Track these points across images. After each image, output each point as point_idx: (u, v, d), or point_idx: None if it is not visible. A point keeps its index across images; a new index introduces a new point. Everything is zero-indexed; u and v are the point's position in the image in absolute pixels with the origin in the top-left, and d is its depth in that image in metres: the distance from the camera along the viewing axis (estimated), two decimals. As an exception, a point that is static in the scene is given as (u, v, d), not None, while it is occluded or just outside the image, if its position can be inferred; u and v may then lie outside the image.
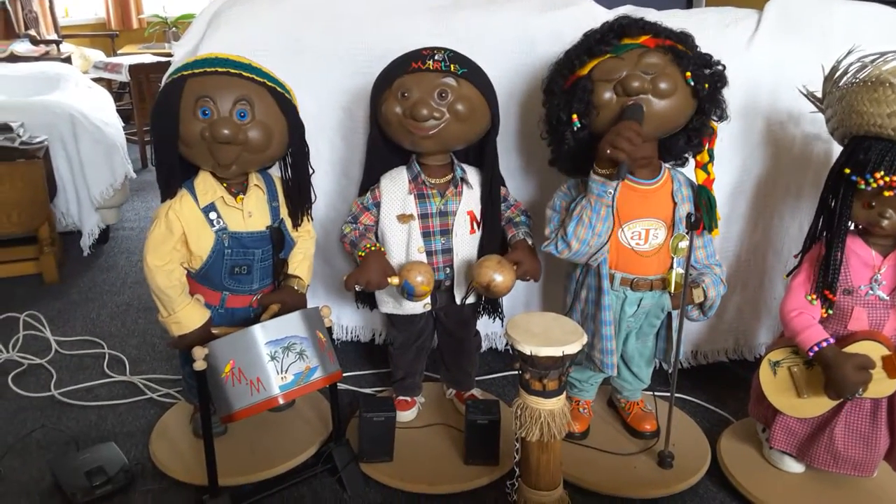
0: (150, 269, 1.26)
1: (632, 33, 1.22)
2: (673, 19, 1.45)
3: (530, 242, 1.40)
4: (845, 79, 1.20)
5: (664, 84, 1.20)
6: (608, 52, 1.22)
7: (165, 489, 1.37)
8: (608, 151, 1.18)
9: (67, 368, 1.81)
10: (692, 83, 1.22)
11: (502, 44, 1.53)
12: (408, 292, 1.33)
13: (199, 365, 1.17)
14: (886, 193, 1.13)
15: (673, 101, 1.22)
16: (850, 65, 1.20)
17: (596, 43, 1.23)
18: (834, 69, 1.24)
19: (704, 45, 1.26)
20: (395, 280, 1.33)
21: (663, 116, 1.24)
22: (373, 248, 1.35)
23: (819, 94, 1.30)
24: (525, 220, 1.45)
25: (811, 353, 1.22)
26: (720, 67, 1.27)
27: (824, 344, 1.21)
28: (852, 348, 1.21)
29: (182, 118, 1.20)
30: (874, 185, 1.12)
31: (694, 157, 1.34)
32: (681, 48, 1.23)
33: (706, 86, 1.24)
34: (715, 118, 1.29)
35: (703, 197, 1.31)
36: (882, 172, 1.11)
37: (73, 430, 1.56)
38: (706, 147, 1.32)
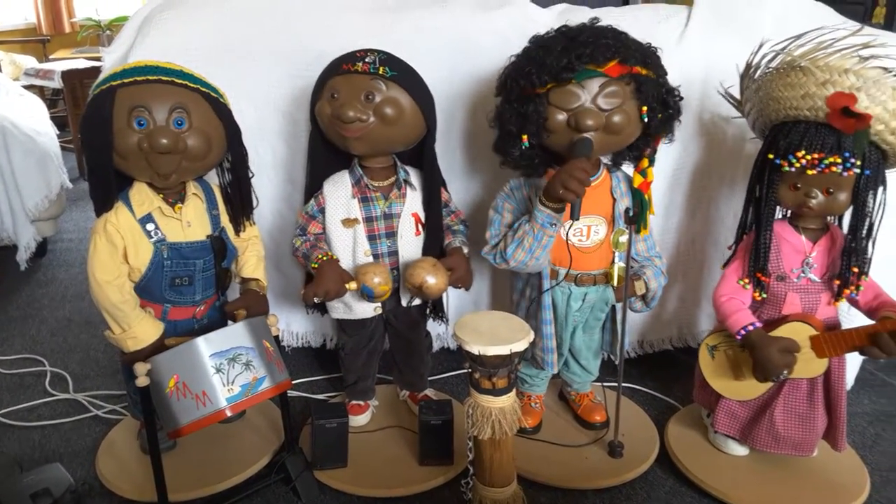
0: (100, 285, 1.22)
1: (598, 61, 1.17)
2: (607, 17, 1.47)
3: (466, 251, 1.42)
4: (760, 71, 1.25)
5: (618, 119, 1.21)
6: (571, 78, 1.18)
7: (114, 509, 1.34)
8: (560, 192, 1.19)
9: (7, 388, 1.75)
10: (646, 119, 1.24)
11: (441, 44, 1.53)
12: (368, 295, 1.32)
13: (142, 381, 1.15)
14: (809, 172, 1.17)
15: (623, 135, 1.25)
16: (764, 56, 1.24)
17: (561, 69, 1.17)
18: (748, 65, 1.28)
19: (637, 42, 1.28)
20: (352, 285, 1.32)
21: (611, 146, 1.28)
22: (325, 258, 1.34)
23: (737, 95, 1.35)
24: (463, 230, 1.46)
25: (738, 337, 1.26)
26: (679, 99, 1.27)
27: (751, 327, 1.25)
28: (782, 330, 1.26)
29: (116, 130, 1.16)
30: (797, 164, 1.17)
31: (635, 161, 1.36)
32: (645, 73, 1.21)
33: (659, 116, 1.25)
34: (663, 141, 1.32)
35: (635, 199, 1.34)
36: (803, 151, 1.16)
37: (15, 451, 1.51)
38: (652, 151, 1.34)
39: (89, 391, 1.73)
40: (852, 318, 1.42)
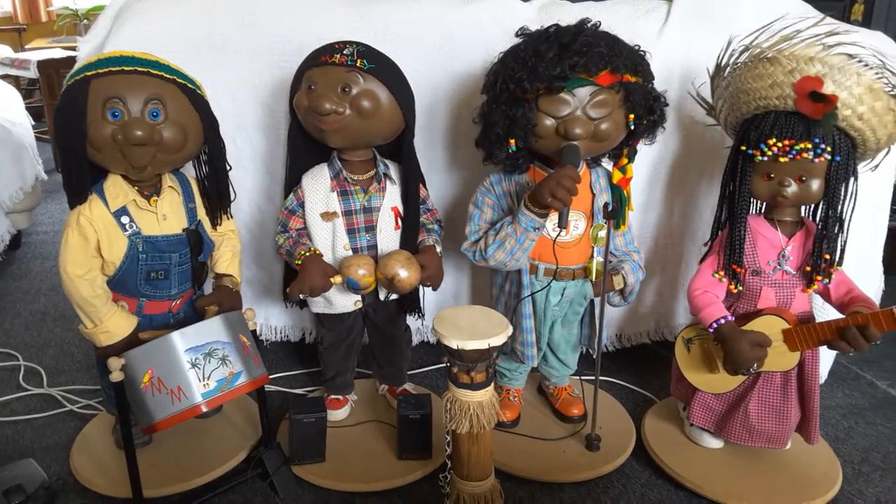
0: (71, 279, 1.20)
1: (591, 71, 1.17)
2: (587, 11, 1.48)
3: (439, 250, 1.42)
4: (729, 69, 1.28)
5: (606, 126, 1.22)
6: (563, 87, 1.18)
7: (88, 504, 1.33)
8: (548, 201, 1.19)
9: (-20, 384, 1.73)
10: (632, 126, 1.25)
11: (421, 38, 1.52)
12: (353, 287, 1.32)
13: (116, 376, 1.13)
14: (782, 160, 1.20)
15: (609, 142, 1.26)
16: (732, 54, 1.28)
17: (553, 78, 1.16)
18: (718, 66, 1.31)
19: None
20: (337, 279, 1.32)
21: (596, 152, 1.30)
22: (308, 254, 1.33)
23: (708, 96, 1.38)
24: (437, 230, 1.46)
25: (711, 330, 1.28)
26: (665, 105, 1.29)
27: (722, 321, 1.27)
28: (756, 323, 1.27)
29: (90, 121, 1.15)
30: (769, 153, 1.20)
31: (615, 158, 1.37)
32: (634, 81, 1.22)
33: (645, 123, 1.26)
34: (644, 142, 1.34)
35: (614, 194, 1.35)
36: (774, 139, 1.19)
37: (-13, 447, 1.49)
38: (632, 150, 1.34)
39: (64, 386, 1.71)
40: (827, 314, 1.44)
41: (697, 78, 1.43)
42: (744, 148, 1.24)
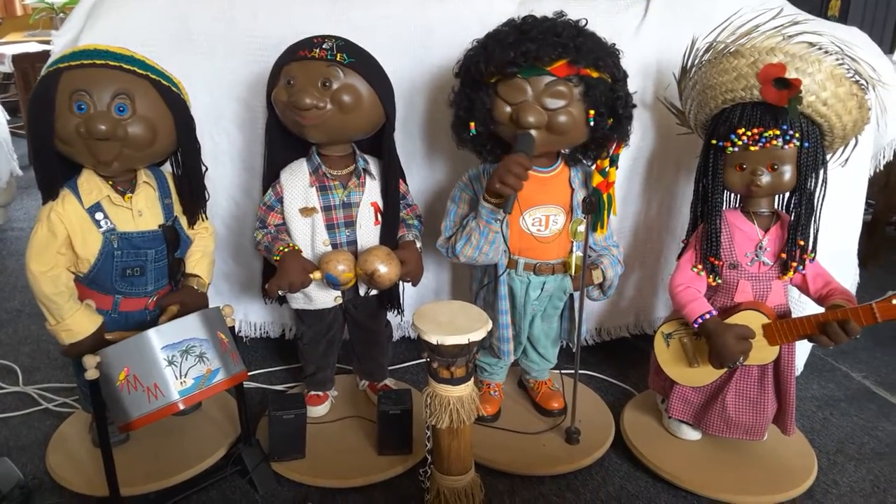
0: (33, 275, 1.19)
1: (544, 60, 1.17)
2: (566, 6, 1.47)
3: (418, 245, 1.41)
4: (694, 69, 1.31)
5: (562, 119, 1.21)
6: (516, 73, 1.19)
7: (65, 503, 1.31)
8: (497, 187, 1.19)
9: (-46, 382, 1.70)
10: (592, 123, 1.23)
11: (401, 32, 1.52)
12: (333, 283, 1.31)
13: (91, 374, 1.12)
14: (752, 149, 1.22)
15: (568, 136, 1.25)
16: (696, 55, 1.31)
17: (506, 64, 1.17)
18: (683, 67, 1.34)
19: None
20: (316, 275, 1.31)
21: (555, 145, 1.29)
22: (286, 249, 1.32)
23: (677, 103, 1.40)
24: (417, 225, 1.46)
25: (696, 325, 1.29)
26: (632, 107, 1.28)
27: (707, 316, 1.27)
28: (736, 318, 1.28)
29: (58, 114, 1.14)
30: (739, 142, 1.22)
31: (593, 160, 1.36)
32: (596, 76, 1.20)
33: (609, 121, 1.25)
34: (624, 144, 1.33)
35: (593, 197, 1.35)
36: (743, 129, 1.21)
37: (-39, 447, 1.47)
38: (608, 153, 1.33)
39: (39, 384, 1.69)
40: (804, 306, 1.46)
41: (676, 71, 1.43)
42: (714, 141, 1.26)
